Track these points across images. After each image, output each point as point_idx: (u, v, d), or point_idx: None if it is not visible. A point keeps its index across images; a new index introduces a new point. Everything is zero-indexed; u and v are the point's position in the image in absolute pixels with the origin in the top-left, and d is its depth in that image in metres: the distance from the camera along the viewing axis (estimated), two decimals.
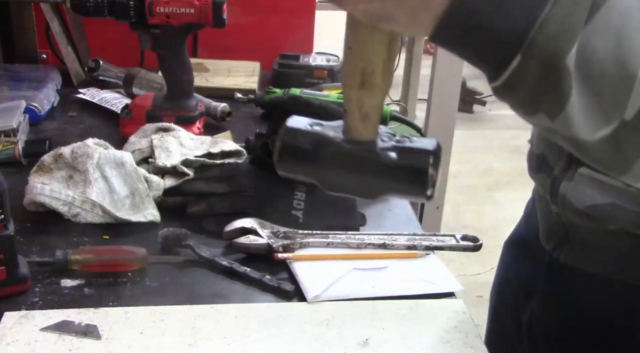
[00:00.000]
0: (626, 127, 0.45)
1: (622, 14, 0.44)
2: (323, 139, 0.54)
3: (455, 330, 0.87)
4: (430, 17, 0.46)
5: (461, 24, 0.45)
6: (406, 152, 0.53)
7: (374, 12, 0.47)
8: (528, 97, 0.46)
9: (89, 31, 1.69)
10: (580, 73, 0.44)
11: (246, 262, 0.97)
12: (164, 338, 0.83)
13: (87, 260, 0.94)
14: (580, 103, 0.45)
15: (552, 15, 0.43)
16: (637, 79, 0.44)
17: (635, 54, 0.44)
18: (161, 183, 1.10)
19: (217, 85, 1.61)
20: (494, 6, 0.44)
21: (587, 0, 0.44)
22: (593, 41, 0.44)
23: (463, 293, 0.95)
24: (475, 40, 0.46)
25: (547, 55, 0.44)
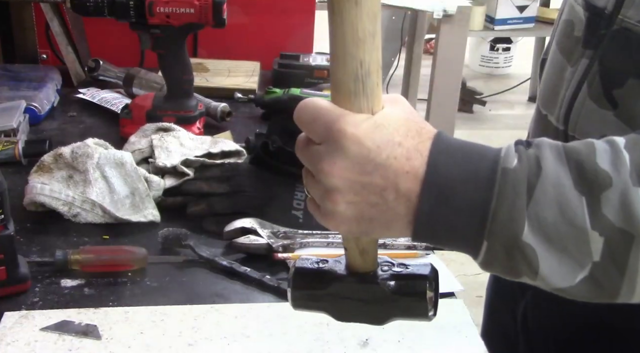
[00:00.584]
0: (599, 267, 0.52)
1: (554, 186, 0.52)
2: (328, 274, 0.60)
3: (455, 330, 0.87)
4: (403, 228, 0.55)
5: (430, 230, 0.54)
6: (404, 280, 0.60)
7: (355, 232, 0.56)
8: (505, 270, 0.55)
9: (89, 31, 1.69)
10: (542, 242, 0.52)
11: (246, 262, 0.97)
12: (164, 338, 0.83)
13: (87, 260, 0.94)
14: (552, 262, 0.53)
15: (498, 208, 0.52)
16: (589, 231, 0.52)
17: (578, 215, 0.52)
18: (161, 183, 1.10)
19: (217, 85, 1.60)
20: (451, 211, 0.53)
21: (522, 186, 0.52)
22: (541, 212, 0.52)
23: (463, 293, 0.95)
24: (447, 238, 0.55)
25: (505, 239, 0.53)
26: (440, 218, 0.54)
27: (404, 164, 0.53)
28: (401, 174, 0.53)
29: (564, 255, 0.52)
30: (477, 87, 4.29)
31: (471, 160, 0.54)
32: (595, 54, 0.76)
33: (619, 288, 0.53)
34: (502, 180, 0.52)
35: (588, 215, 0.52)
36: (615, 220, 0.51)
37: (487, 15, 3.51)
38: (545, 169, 0.52)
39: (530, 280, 0.55)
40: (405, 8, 2.63)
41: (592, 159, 0.52)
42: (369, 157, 0.53)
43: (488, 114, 4.29)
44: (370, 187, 0.53)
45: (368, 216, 0.55)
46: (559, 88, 0.82)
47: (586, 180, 0.52)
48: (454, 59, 2.56)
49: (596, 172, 0.52)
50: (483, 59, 4.79)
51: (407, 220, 0.54)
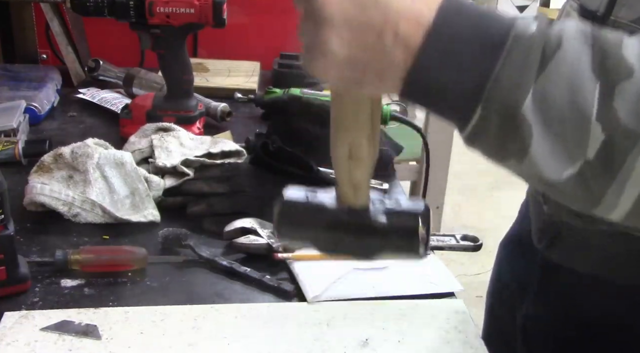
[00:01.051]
0: (590, 166, 0.49)
1: (571, 64, 0.48)
2: (318, 208, 0.59)
3: (455, 330, 0.87)
4: (395, 79, 0.51)
5: (423, 84, 0.50)
6: (396, 215, 0.58)
7: (345, 78, 0.52)
8: (493, 145, 0.51)
9: (89, 31, 1.69)
10: (541, 119, 0.49)
11: (246, 262, 0.97)
12: (164, 338, 0.83)
13: (87, 260, 0.94)
14: (545, 146, 0.49)
15: (503, 71, 0.48)
16: (592, 123, 0.48)
17: (587, 101, 0.48)
18: (161, 183, 1.10)
19: (217, 85, 1.61)
20: (451, 65, 0.49)
21: (535, 56, 0.48)
22: (548, 90, 0.48)
23: (463, 293, 0.95)
24: (438, 98, 0.51)
25: (503, 107, 0.49)
26: (436, 73, 0.50)
27: (408, 5, 0.49)
28: (403, 15, 0.49)
29: (559, 142, 0.49)
30: None
31: (484, 19, 0.50)
32: None
33: (603, 195, 0.50)
34: (513, 43, 0.48)
35: (597, 102, 0.48)
36: (624, 116, 0.47)
37: None
38: (565, 44, 0.48)
39: (515, 163, 0.51)
40: None
41: (619, 49, 0.48)
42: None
43: None
44: (367, 25, 0.49)
45: (362, 60, 0.50)
46: None
47: (606, 66, 0.48)
48: None
49: (620, 60, 0.48)
50: None
51: (402, 69, 0.50)
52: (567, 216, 0.82)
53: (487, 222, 3.10)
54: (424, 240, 0.57)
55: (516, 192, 1.18)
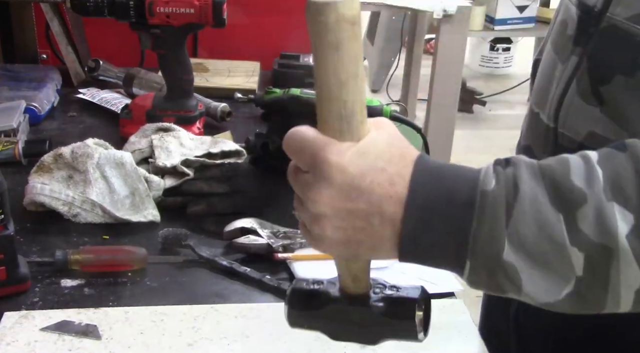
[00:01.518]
0: (583, 281, 0.54)
1: (531, 203, 0.53)
2: (322, 296, 0.63)
3: (455, 330, 0.87)
4: (389, 250, 0.57)
5: (415, 252, 0.56)
6: (393, 303, 0.61)
7: (344, 254, 0.58)
8: (490, 287, 0.57)
9: (89, 31, 1.69)
10: (523, 259, 0.54)
11: (246, 262, 0.97)
12: (164, 338, 0.83)
13: (87, 260, 0.94)
14: (535, 279, 0.54)
15: (478, 230, 0.54)
16: (568, 247, 0.53)
17: (556, 232, 0.53)
18: (161, 183, 1.10)
19: (217, 85, 1.60)
20: (433, 233, 0.55)
21: (501, 208, 0.54)
22: (521, 230, 0.53)
23: (463, 293, 0.95)
24: (431, 259, 0.57)
25: (487, 258, 0.54)
26: (423, 241, 0.56)
27: (388, 189, 0.55)
28: (385, 198, 0.55)
29: (547, 271, 0.54)
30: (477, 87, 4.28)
31: (451, 183, 0.55)
32: (585, 51, 0.77)
33: (604, 301, 0.55)
34: (481, 202, 0.54)
35: (566, 231, 0.53)
36: (593, 235, 0.52)
37: (487, 15, 3.51)
38: (522, 189, 0.54)
39: (515, 296, 0.56)
40: (405, 8, 2.63)
41: (567, 176, 0.54)
42: (353, 184, 0.55)
43: (488, 114, 4.29)
44: (356, 212, 0.55)
45: (355, 240, 0.57)
46: (549, 85, 0.83)
47: (562, 198, 0.53)
48: (454, 59, 2.56)
49: (571, 189, 0.53)
50: (483, 59, 4.79)
51: (393, 242, 0.56)
52: None
53: None
54: (422, 325, 0.61)
55: None
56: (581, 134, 0.77)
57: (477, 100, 4.20)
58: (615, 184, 0.53)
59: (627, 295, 0.54)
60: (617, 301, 0.54)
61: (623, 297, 0.54)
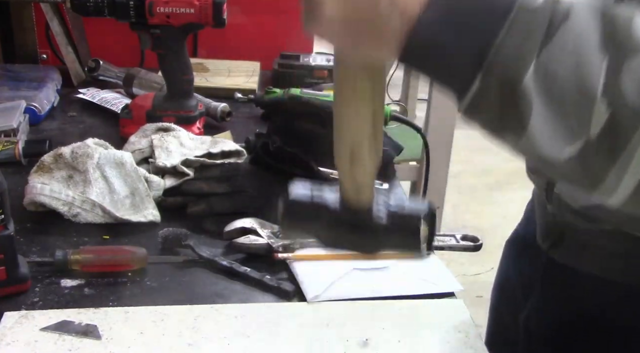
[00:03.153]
0: (591, 146, 0.47)
1: (578, 37, 0.46)
2: (321, 207, 0.59)
3: (455, 330, 0.87)
4: (393, 44, 0.49)
5: (423, 50, 0.49)
6: (398, 217, 0.58)
7: (341, 41, 0.51)
8: (491, 117, 0.49)
9: (89, 31, 1.69)
10: (542, 95, 0.46)
11: (246, 262, 0.97)
12: (164, 338, 0.83)
13: (87, 260, 0.94)
14: (545, 123, 0.47)
15: (505, 42, 0.46)
16: (597, 99, 0.46)
17: (593, 76, 0.46)
18: (161, 183, 1.10)
19: (217, 85, 1.60)
20: (451, 33, 0.47)
21: (541, 27, 0.46)
22: (552, 64, 0.46)
23: (463, 293, 0.95)
24: (437, 66, 0.49)
25: (503, 79, 0.47)
26: (437, 39, 0.48)
27: None
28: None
29: (560, 118, 0.47)
30: None
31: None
32: None
33: (603, 178, 0.48)
34: (518, 12, 0.46)
35: (604, 78, 0.46)
36: (630, 92, 0.45)
37: None
38: (573, 17, 0.47)
39: (513, 137, 0.50)
40: None
41: (629, 23, 0.46)
42: None
43: None
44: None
45: (357, 23, 0.49)
46: None
47: (614, 41, 0.46)
48: None
49: (629, 36, 0.46)
50: None
51: (400, 33, 0.49)
52: (571, 216, 0.82)
53: (487, 222, 3.10)
54: (426, 240, 0.58)
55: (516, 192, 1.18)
56: None
57: None
58: None
59: (629, 182, 0.47)
60: (617, 183, 0.48)
61: (625, 181, 0.48)
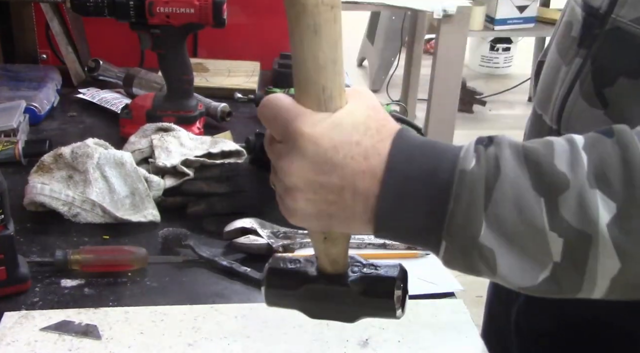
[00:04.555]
0: (560, 267, 0.53)
1: (513, 186, 0.52)
2: (300, 275, 0.62)
3: (455, 330, 0.87)
4: (363, 225, 0.56)
5: (389, 229, 0.55)
6: (372, 282, 0.61)
7: (316, 227, 0.58)
8: (465, 267, 0.56)
9: (89, 31, 1.69)
10: (501, 242, 0.53)
11: (246, 262, 0.97)
12: (164, 338, 0.83)
13: (87, 260, 0.94)
14: (511, 263, 0.53)
15: (455, 211, 0.52)
16: (547, 232, 0.52)
17: (536, 216, 0.52)
18: (161, 183, 1.10)
19: (217, 85, 1.60)
20: (408, 212, 0.54)
21: (480, 189, 0.52)
22: (500, 213, 0.52)
23: (463, 293, 0.95)
24: (406, 237, 0.57)
25: (463, 240, 0.53)
26: (398, 218, 0.54)
27: (362, 163, 0.54)
28: (358, 173, 0.54)
29: (524, 255, 0.53)
30: (477, 87, 4.29)
31: (430, 161, 0.54)
32: (589, 53, 0.77)
33: (580, 287, 0.54)
34: (459, 182, 0.53)
35: (546, 216, 0.52)
36: (573, 221, 0.51)
37: (487, 15, 3.51)
38: (503, 171, 0.53)
39: (490, 278, 0.56)
40: (405, 8, 2.63)
41: (550, 160, 0.52)
42: (326, 156, 0.53)
43: (488, 114, 4.29)
44: (328, 186, 0.54)
45: (327, 213, 0.56)
46: (553, 87, 0.83)
47: (544, 182, 0.52)
48: (454, 59, 2.56)
49: (554, 174, 0.52)
50: (483, 59, 4.79)
51: (366, 218, 0.55)
52: None
53: None
54: (400, 302, 0.61)
55: None
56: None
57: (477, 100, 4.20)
58: (600, 171, 0.52)
59: (603, 282, 0.53)
60: (592, 288, 0.54)
61: (598, 284, 0.53)
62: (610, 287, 0.54)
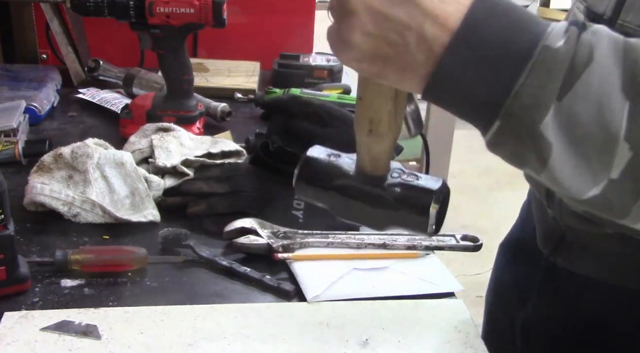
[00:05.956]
0: (614, 186, 0.48)
1: (602, 80, 0.47)
2: (336, 170, 0.59)
3: (455, 330, 0.87)
4: (417, 78, 0.51)
5: (445, 89, 0.50)
6: (410, 190, 0.57)
7: (367, 70, 0.52)
8: (512, 154, 0.51)
9: (89, 31, 1.69)
10: (563, 137, 0.48)
11: (246, 262, 0.97)
12: (164, 338, 0.83)
13: (87, 260, 0.94)
14: (566, 165, 0.48)
15: (524, 87, 0.47)
16: (620, 140, 0.47)
17: (616, 118, 0.47)
18: (161, 183, 1.10)
19: (217, 85, 1.61)
20: (473, 74, 0.48)
21: (560, 73, 0.47)
22: (575, 106, 0.47)
23: (463, 293, 0.95)
24: (459, 104, 0.51)
25: (521, 123, 0.48)
26: (459, 78, 0.49)
27: (437, 5, 0.48)
28: (431, 15, 0.48)
29: (582, 161, 0.48)
30: None
31: (513, 25, 0.49)
32: None
33: (629, 211, 0.50)
34: (539, 57, 0.47)
35: (626, 122, 0.47)
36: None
37: None
38: (596, 60, 0.47)
39: (535, 172, 0.51)
40: None
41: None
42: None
43: None
44: (392, 21, 0.49)
45: (383, 54, 0.50)
46: None
47: (635, 87, 0.47)
48: None
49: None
50: None
51: (425, 71, 0.50)
52: (573, 220, 0.82)
53: (487, 222, 3.10)
54: (434, 219, 0.57)
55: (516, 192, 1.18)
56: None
57: None
58: None
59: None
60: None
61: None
62: None
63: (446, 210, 0.58)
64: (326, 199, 0.60)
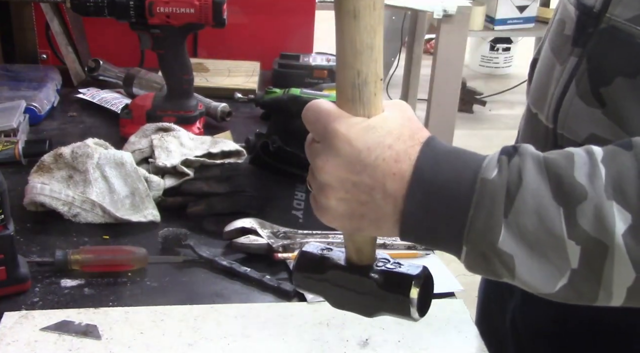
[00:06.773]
0: (577, 275, 0.55)
1: (534, 195, 0.55)
2: (328, 262, 0.65)
3: (455, 330, 0.87)
4: (391, 226, 0.58)
5: (414, 230, 0.58)
6: (393, 277, 0.62)
7: (347, 227, 0.60)
8: (486, 271, 0.58)
9: (89, 31, 1.69)
10: (521, 248, 0.55)
11: (246, 262, 0.97)
12: (164, 338, 0.83)
13: (87, 260, 0.94)
14: (531, 268, 0.56)
15: (475, 218, 0.55)
16: (566, 239, 0.54)
17: (556, 225, 0.54)
18: (161, 183, 1.10)
19: (217, 85, 1.60)
20: (432, 215, 0.56)
21: (500, 197, 0.55)
22: (521, 221, 0.55)
23: (463, 293, 0.95)
24: (431, 240, 0.58)
25: (482, 245, 0.56)
26: (423, 221, 0.57)
27: (392, 166, 0.56)
28: (389, 175, 0.56)
29: (544, 261, 0.55)
30: (477, 87, 4.29)
31: (454, 168, 0.57)
32: (584, 52, 0.77)
33: (597, 294, 0.56)
34: (480, 190, 0.55)
35: (565, 225, 0.54)
36: (590, 230, 0.54)
37: (487, 15, 3.50)
38: (525, 180, 0.55)
39: (510, 282, 0.58)
40: (405, 8, 2.63)
41: (570, 172, 0.55)
42: (359, 157, 0.56)
43: (488, 114, 4.29)
44: (359, 185, 0.57)
45: (358, 213, 0.58)
46: (548, 86, 0.83)
47: (564, 193, 0.55)
48: (454, 59, 2.56)
49: (573, 185, 0.54)
50: (483, 59, 4.79)
51: (395, 219, 0.57)
52: None
53: None
54: (416, 304, 0.61)
55: None
56: (581, 135, 0.77)
57: (477, 100, 4.20)
58: (617, 183, 0.54)
59: (619, 291, 0.55)
60: (609, 296, 0.56)
61: (615, 293, 0.55)
62: (627, 296, 0.56)
63: (431, 295, 0.63)
64: (320, 289, 0.66)
